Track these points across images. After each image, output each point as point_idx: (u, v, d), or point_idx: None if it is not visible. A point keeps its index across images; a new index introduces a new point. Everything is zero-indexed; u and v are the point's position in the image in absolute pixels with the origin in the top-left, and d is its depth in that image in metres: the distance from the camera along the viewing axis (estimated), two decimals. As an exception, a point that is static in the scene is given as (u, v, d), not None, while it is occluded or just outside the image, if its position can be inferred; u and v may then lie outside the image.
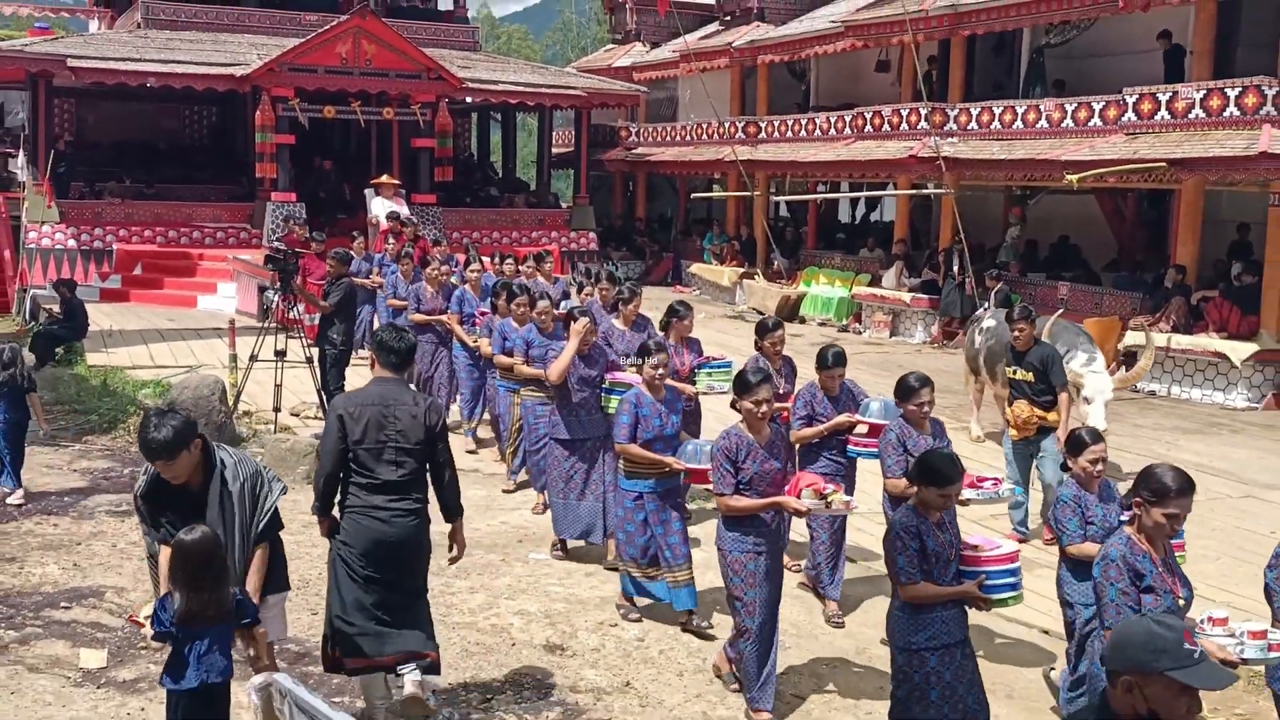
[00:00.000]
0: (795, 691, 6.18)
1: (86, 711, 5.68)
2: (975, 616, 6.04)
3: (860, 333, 20.39)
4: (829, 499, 5.87)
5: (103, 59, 20.87)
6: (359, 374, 12.53)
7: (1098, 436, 5.94)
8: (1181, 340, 14.89)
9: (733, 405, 6.06)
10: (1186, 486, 4.56)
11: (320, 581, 7.49)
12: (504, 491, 9.78)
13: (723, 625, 6.73)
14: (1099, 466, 5.79)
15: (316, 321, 12.22)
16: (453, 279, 12.13)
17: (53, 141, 21.61)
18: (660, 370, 6.87)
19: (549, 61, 44.55)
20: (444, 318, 11.37)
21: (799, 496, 5.83)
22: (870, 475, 7.48)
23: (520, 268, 12.60)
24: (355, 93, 21.33)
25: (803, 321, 21.60)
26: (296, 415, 12.00)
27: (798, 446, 7.34)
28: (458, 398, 11.50)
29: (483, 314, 10.75)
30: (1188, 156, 14.76)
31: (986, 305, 17.84)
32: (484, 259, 14.03)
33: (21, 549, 8.03)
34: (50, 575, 7.53)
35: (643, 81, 28.06)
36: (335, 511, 5.60)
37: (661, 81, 29.40)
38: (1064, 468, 5.95)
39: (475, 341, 10.66)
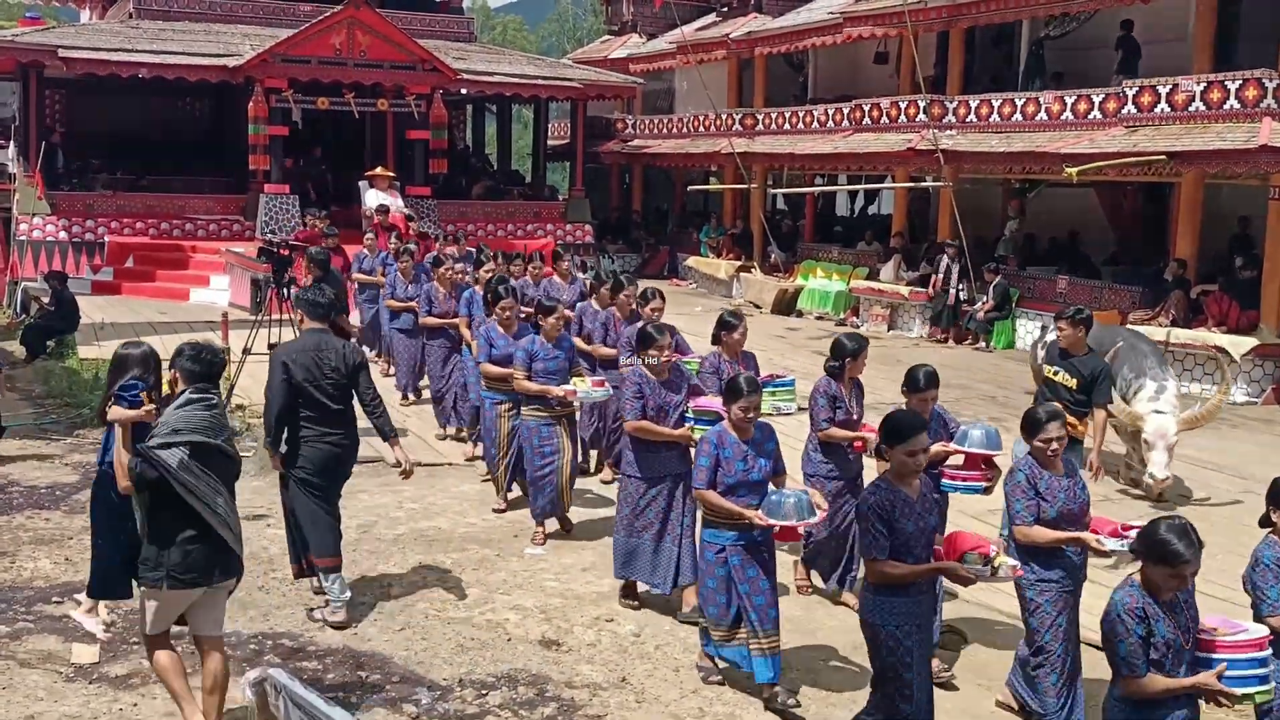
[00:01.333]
0: (789, 687, 6.10)
1: (78, 707, 5.61)
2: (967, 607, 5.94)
3: (858, 326, 20.29)
4: (995, 563, 4.94)
5: (94, 49, 20.72)
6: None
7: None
8: (1181, 334, 14.82)
9: (879, 455, 5.40)
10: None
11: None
12: (495, 511, 9.01)
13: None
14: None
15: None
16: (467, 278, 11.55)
17: (44, 133, 21.45)
18: (749, 413, 5.86)
19: (544, 53, 44.42)
20: (457, 321, 10.69)
21: (960, 560, 4.96)
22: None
23: (529, 266, 11.97)
24: (349, 84, 21.19)
25: (800, 315, 21.52)
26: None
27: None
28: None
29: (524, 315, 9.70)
30: (1188, 150, 14.69)
31: (985, 299, 17.84)
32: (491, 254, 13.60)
33: (13, 543, 7.96)
34: (42, 570, 7.45)
35: (639, 73, 27.94)
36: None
37: (658, 73, 29.29)
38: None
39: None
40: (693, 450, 6.56)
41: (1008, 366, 15.98)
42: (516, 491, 9.10)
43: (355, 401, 6.87)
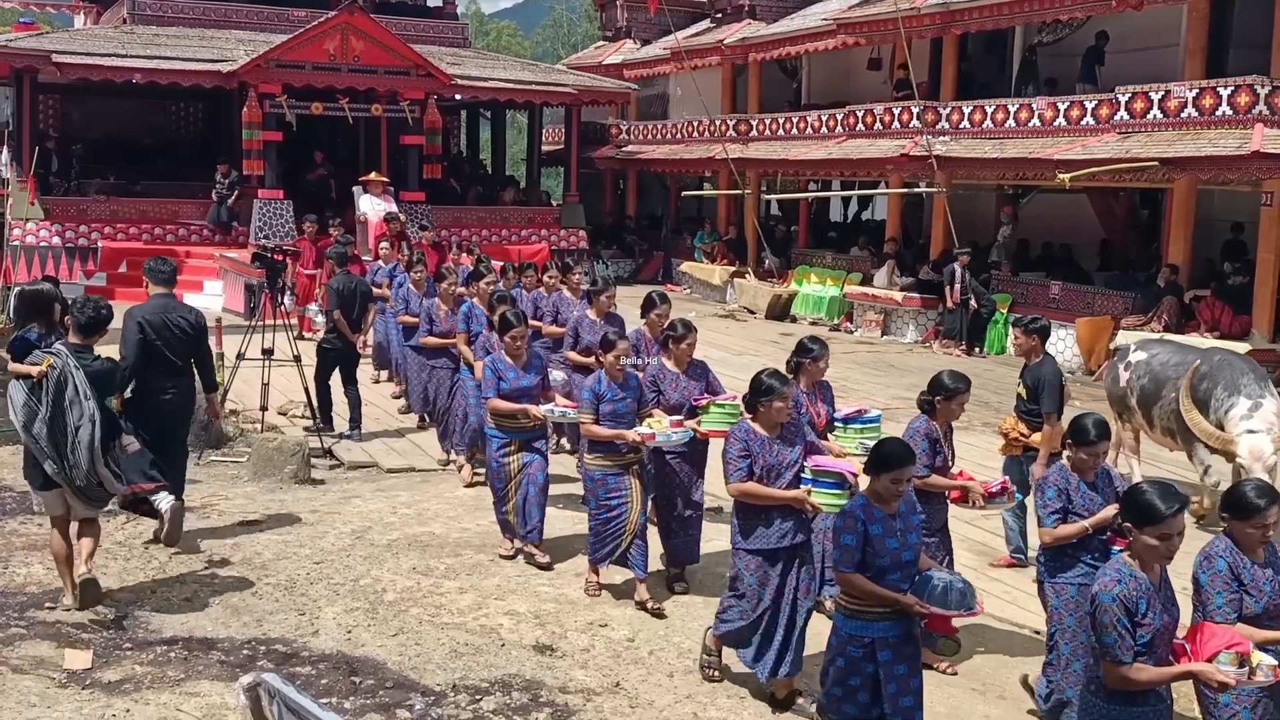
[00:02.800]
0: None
1: (71, 713, 5.59)
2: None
3: (851, 332, 20.33)
4: (1253, 665, 4.04)
5: (88, 55, 20.70)
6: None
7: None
8: (1173, 340, 14.85)
9: (1117, 532, 4.77)
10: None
11: (307, 583, 7.43)
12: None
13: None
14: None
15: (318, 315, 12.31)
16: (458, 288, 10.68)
17: (38, 138, 21.44)
18: (901, 485, 4.95)
19: (539, 58, 44.43)
20: (458, 340, 9.89)
21: (1212, 660, 4.04)
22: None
23: (543, 277, 10.81)
24: (343, 89, 21.19)
25: (794, 321, 21.56)
26: (284, 414, 11.90)
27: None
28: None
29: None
30: (1180, 156, 14.75)
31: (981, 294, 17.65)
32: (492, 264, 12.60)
33: (6, 549, 7.93)
34: (35, 575, 7.42)
35: (633, 79, 27.98)
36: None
37: (652, 79, 29.32)
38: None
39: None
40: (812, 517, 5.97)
41: (999, 372, 16.00)
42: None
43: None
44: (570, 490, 9.41)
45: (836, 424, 7.01)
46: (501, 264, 15.10)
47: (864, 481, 5.13)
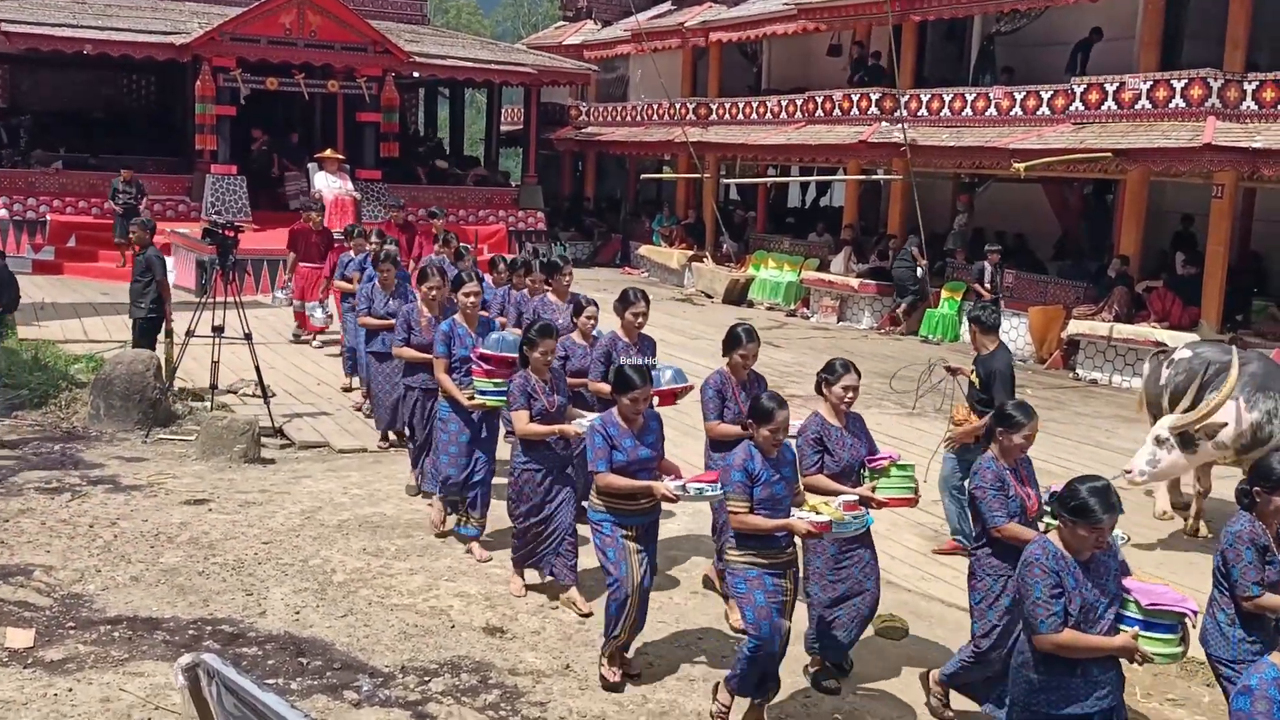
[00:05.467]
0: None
1: (12, 691, 5.51)
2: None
3: (808, 317, 20.41)
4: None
5: (38, 24, 20.33)
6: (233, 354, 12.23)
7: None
8: (1123, 330, 15.05)
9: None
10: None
11: (255, 563, 7.36)
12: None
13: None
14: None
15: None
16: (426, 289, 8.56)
17: (-15, 108, 21.03)
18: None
19: (499, 37, 44.10)
20: (436, 368, 7.84)
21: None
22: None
23: (528, 278, 9.62)
24: (299, 65, 20.95)
25: (751, 305, 21.61)
26: (234, 392, 11.77)
27: None
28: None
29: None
30: (1133, 147, 14.89)
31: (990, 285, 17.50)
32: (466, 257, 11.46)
33: (-57, 526, 7.79)
34: (-26, 554, 7.30)
35: (593, 60, 27.87)
36: None
37: (612, 60, 29.21)
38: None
39: (471, 399, 7.45)
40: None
41: (953, 358, 16.07)
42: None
43: None
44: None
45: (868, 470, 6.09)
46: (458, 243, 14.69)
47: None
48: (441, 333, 7.76)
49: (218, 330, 10.68)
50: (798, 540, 5.60)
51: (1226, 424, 8.10)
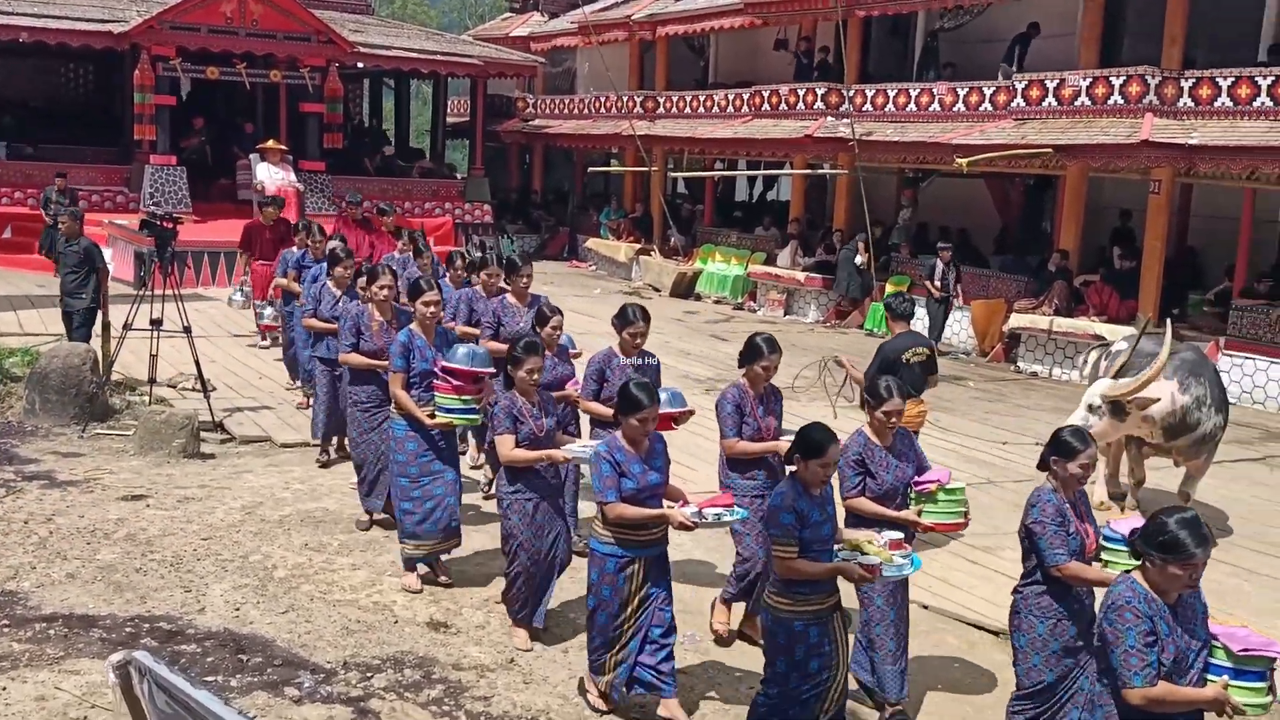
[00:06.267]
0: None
1: (-60, 694, 5.40)
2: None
3: (755, 311, 20.50)
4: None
5: (-30, 10, 19.86)
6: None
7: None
8: (1063, 323, 15.27)
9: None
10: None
11: (194, 559, 7.26)
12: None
13: None
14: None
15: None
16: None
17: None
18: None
19: (445, 28, 43.80)
20: (393, 383, 7.09)
21: None
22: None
23: (484, 274, 8.85)
24: (240, 54, 20.66)
25: (698, 299, 21.66)
26: (173, 386, 11.60)
27: None
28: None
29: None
30: (1073, 143, 15.10)
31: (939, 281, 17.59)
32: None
33: None
34: (-97, 551, 7.14)
35: (540, 52, 27.75)
36: None
37: (559, 52, 29.12)
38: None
39: (432, 417, 6.82)
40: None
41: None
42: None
43: None
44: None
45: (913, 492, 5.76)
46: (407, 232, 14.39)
47: None
48: (400, 344, 7.01)
49: (156, 323, 10.52)
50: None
51: (1160, 399, 8.24)
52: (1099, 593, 4.43)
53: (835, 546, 5.02)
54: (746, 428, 6.28)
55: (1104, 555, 4.91)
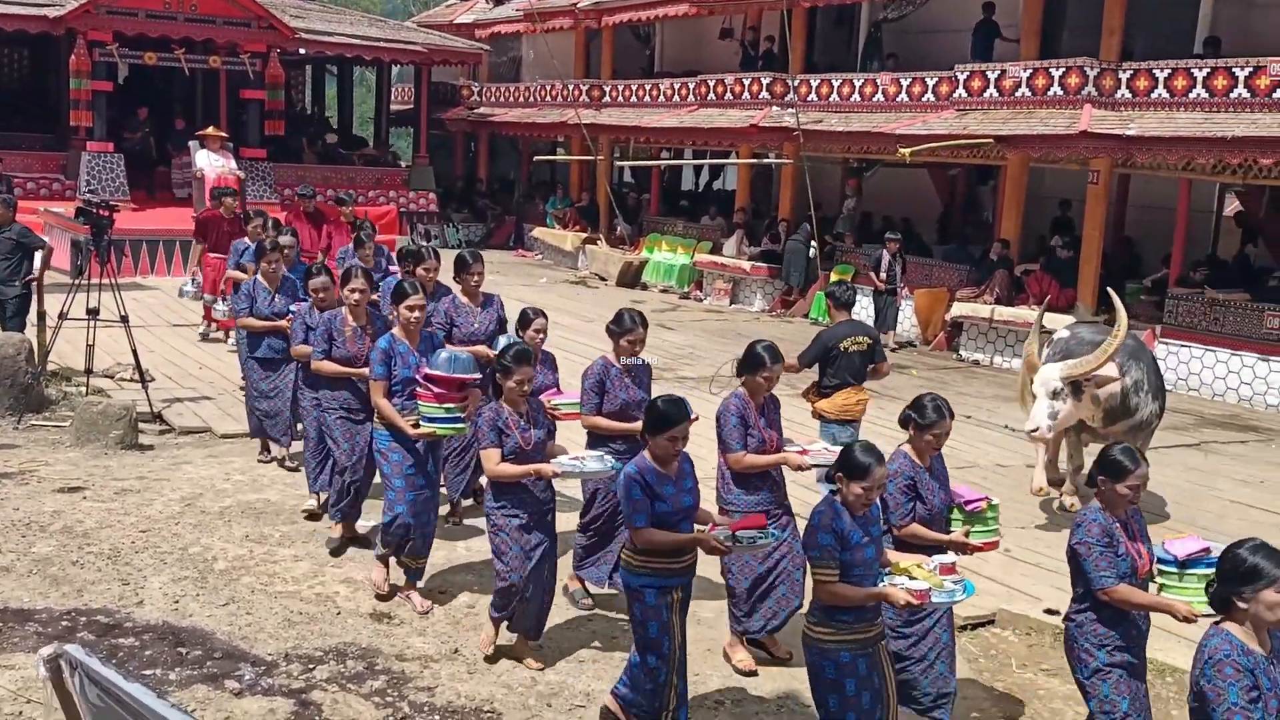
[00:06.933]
0: None
1: None
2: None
3: (701, 300, 20.55)
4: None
5: (-103, -8, 19.37)
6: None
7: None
8: (1004, 312, 15.46)
9: None
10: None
11: (132, 552, 7.16)
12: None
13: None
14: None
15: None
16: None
17: None
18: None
19: (389, 14, 43.32)
20: (374, 392, 6.68)
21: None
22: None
23: (419, 270, 8.18)
24: (179, 39, 20.33)
25: (644, 288, 21.66)
26: (110, 377, 11.41)
27: None
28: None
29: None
30: (1013, 133, 15.28)
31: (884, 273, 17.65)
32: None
33: None
34: None
35: (485, 39, 27.58)
36: None
37: (504, 40, 28.95)
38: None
39: (416, 427, 6.41)
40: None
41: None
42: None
43: None
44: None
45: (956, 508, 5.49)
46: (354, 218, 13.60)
47: None
48: (380, 350, 6.58)
49: (93, 313, 10.34)
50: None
51: (1116, 379, 8.36)
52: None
53: (882, 571, 4.69)
54: (751, 440, 5.97)
55: (1159, 579, 4.69)
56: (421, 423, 6.35)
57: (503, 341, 7.10)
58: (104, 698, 2.68)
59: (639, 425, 5.77)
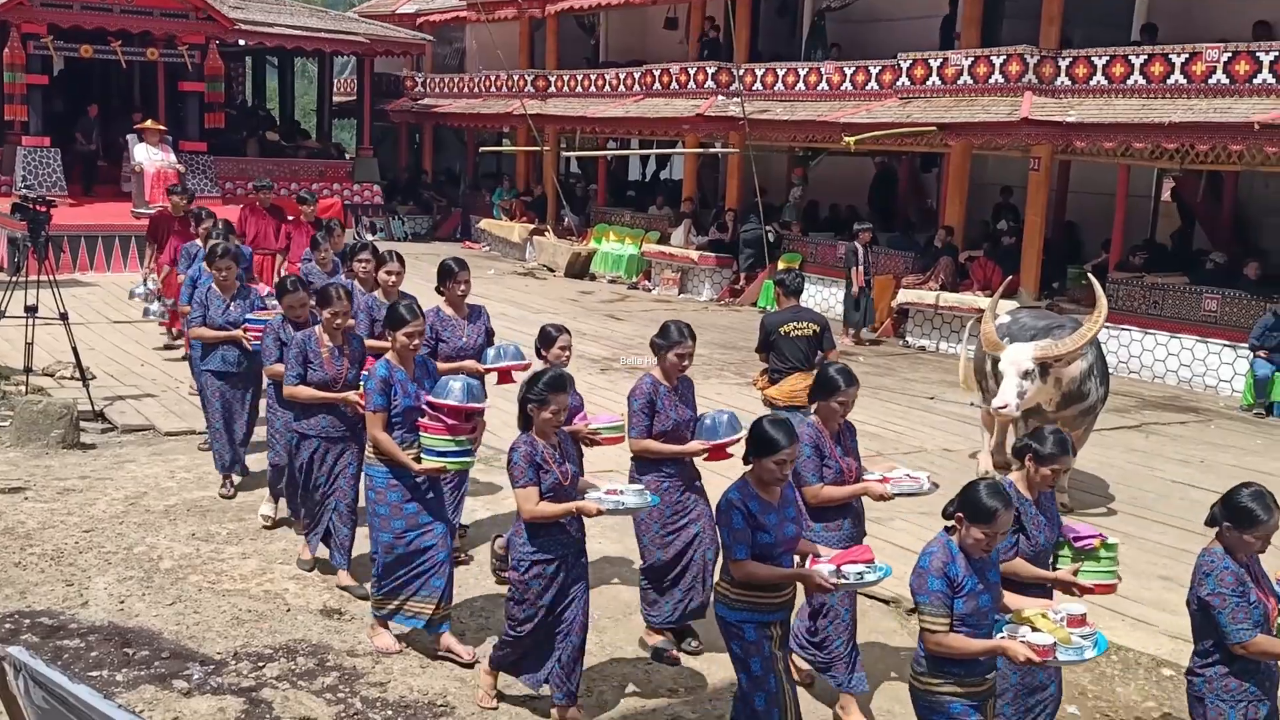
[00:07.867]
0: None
1: None
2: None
3: (649, 290, 20.57)
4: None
5: None
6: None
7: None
8: (949, 298, 15.62)
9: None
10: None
11: (76, 552, 7.06)
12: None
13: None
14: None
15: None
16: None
17: None
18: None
19: (330, 5, 42.73)
20: (353, 398, 6.58)
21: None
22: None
23: (379, 265, 7.88)
24: (115, 31, 19.98)
25: (593, 279, 21.65)
26: (50, 375, 11.22)
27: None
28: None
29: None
30: (956, 121, 15.42)
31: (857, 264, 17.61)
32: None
33: None
34: None
35: (428, 30, 27.37)
36: None
37: (448, 30, 28.75)
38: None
39: (418, 461, 5.88)
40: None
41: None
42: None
43: None
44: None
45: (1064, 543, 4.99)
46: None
47: None
48: (379, 379, 5.92)
49: (31, 310, 10.15)
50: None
51: (1079, 361, 8.44)
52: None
53: (1000, 619, 4.24)
54: (828, 471, 5.50)
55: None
56: (425, 456, 5.81)
57: (491, 354, 7.06)
58: (49, 700, 2.65)
59: (694, 446, 5.87)
